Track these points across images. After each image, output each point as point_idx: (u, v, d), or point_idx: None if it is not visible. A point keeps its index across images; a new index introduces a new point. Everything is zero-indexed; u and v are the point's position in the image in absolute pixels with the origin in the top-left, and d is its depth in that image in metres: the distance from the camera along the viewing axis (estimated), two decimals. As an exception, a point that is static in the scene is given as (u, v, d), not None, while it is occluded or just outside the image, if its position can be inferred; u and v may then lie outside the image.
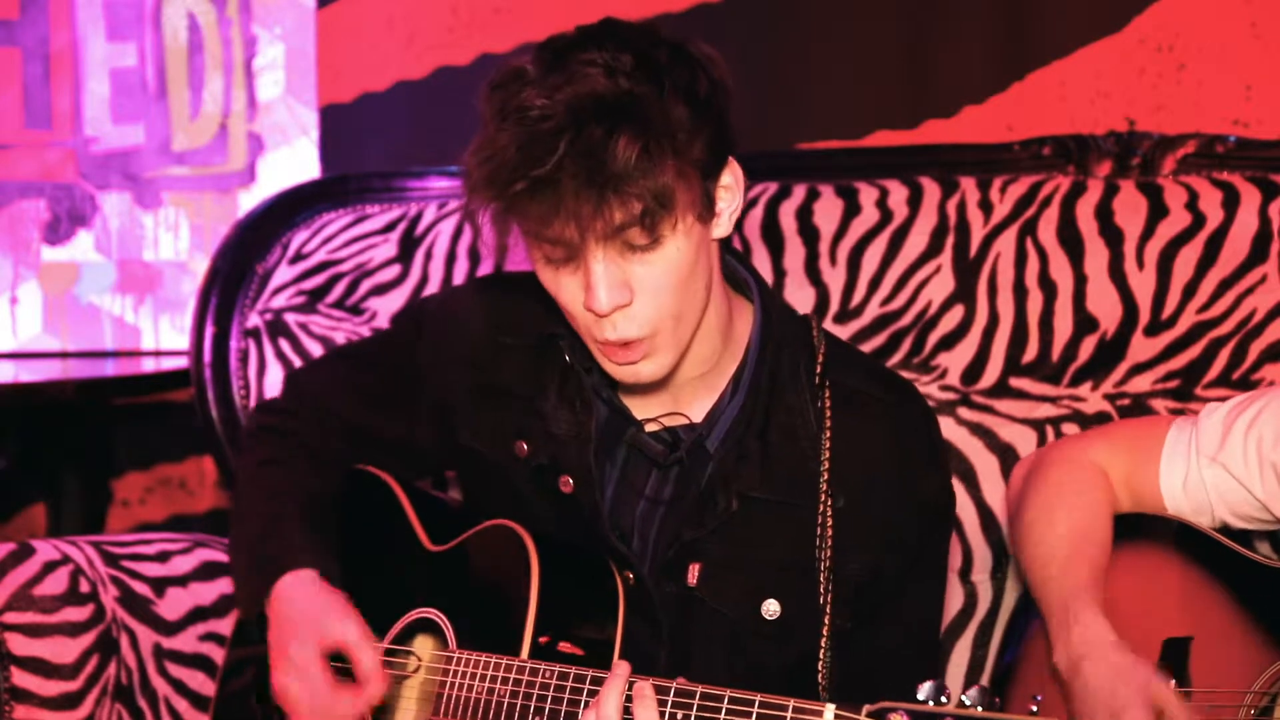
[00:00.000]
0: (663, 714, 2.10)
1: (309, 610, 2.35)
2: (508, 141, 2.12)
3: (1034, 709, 1.93)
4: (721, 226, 2.27)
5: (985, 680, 2.80)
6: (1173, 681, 2.27)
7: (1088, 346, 2.90)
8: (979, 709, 1.91)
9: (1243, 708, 2.28)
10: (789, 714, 2.04)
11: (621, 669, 2.14)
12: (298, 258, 3.21)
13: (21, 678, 2.70)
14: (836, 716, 2.01)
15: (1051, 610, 2.38)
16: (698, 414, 2.36)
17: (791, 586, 2.32)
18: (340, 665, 2.35)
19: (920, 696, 1.94)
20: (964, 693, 1.92)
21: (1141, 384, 2.88)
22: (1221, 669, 2.30)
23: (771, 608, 2.32)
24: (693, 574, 2.33)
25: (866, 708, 1.98)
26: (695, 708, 2.09)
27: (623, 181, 2.10)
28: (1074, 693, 2.30)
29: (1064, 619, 2.35)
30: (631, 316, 2.20)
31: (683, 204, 2.16)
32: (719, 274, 2.32)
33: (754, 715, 2.06)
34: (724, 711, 2.07)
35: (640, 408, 2.38)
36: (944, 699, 1.92)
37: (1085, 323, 2.91)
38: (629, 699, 2.12)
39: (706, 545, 2.33)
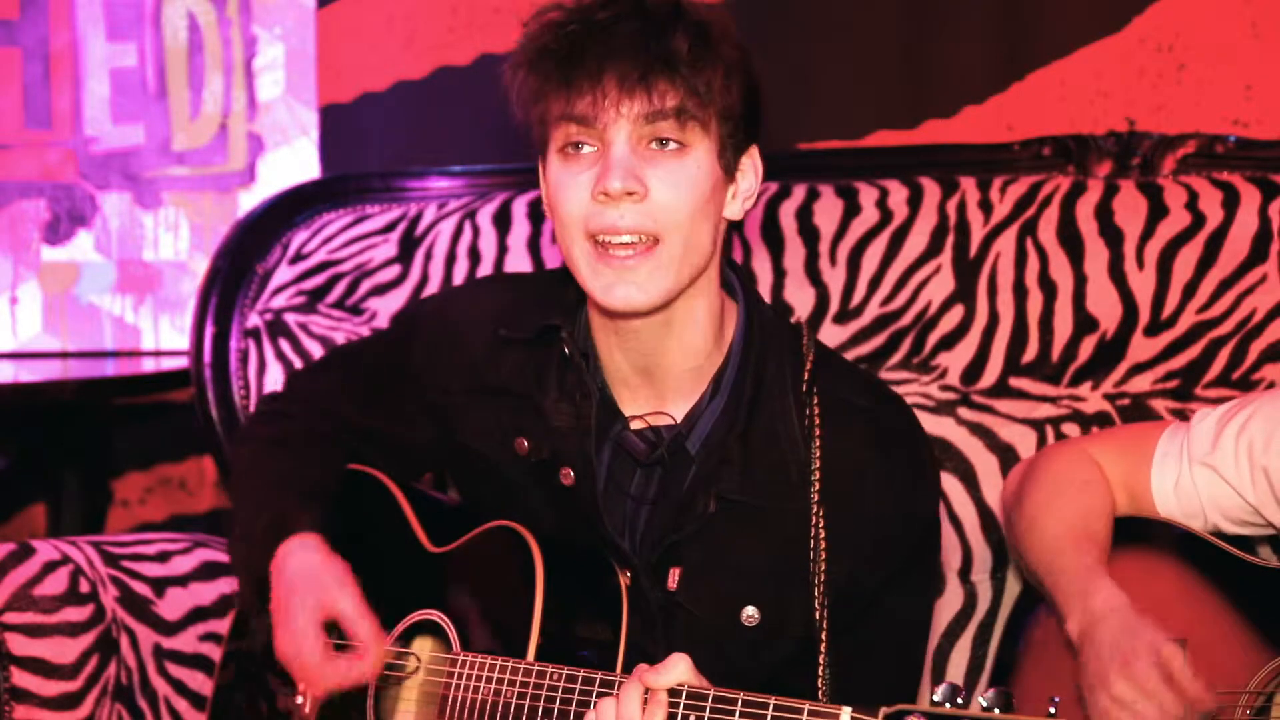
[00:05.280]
0: (673, 715, 2.09)
1: (311, 575, 2.36)
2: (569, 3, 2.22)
3: (1052, 710, 1.92)
4: (734, 205, 2.30)
5: (985, 678, 2.81)
6: (1185, 653, 2.26)
7: (1088, 346, 2.90)
8: (996, 710, 1.91)
9: (1239, 708, 2.28)
10: (804, 717, 2.03)
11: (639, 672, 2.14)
12: (298, 258, 3.21)
13: (21, 678, 2.70)
14: (853, 719, 2.00)
15: (1062, 588, 2.38)
16: (680, 414, 2.36)
17: (771, 593, 2.32)
18: (341, 643, 2.36)
19: (936, 698, 1.93)
20: (980, 694, 1.92)
21: (1141, 384, 2.88)
22: (1217, 670, 2.29)
23: (750, 613, 2.32)
24: (673, 579, 2.33)
25: (884, 710, 1.97)
26: (709, 710, 2.09)
27: (673, 63, 2.17)
28: (1085, 656, 2.30)
29: (1082, 589, 2.35)
30: (641, 209, 2.21)
31: (715, 121, 2.20)
32: (717, 263, 2.32)
33: (769, 718, 2.05)
34: (738, 714, 2.06)
35: (628, 403, 2.38)
36: (960, 700, 1.92)
37: (1085, 323, 2.90)
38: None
39: (687, 550, 2.32)
